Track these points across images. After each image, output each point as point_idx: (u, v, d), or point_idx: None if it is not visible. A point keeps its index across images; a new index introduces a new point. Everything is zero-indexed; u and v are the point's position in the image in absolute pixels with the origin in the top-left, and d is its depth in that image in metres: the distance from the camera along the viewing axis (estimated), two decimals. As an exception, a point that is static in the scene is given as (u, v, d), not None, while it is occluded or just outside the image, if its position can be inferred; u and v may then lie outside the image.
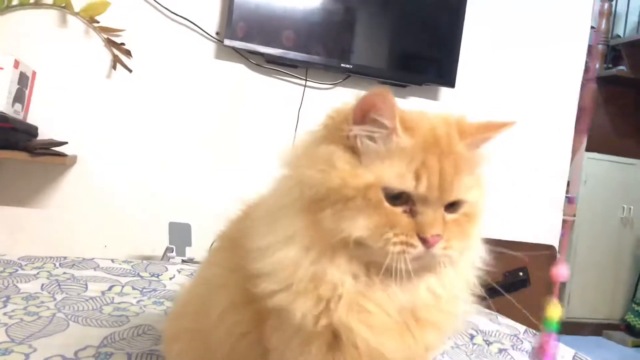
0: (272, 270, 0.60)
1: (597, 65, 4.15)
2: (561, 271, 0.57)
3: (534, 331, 1.49)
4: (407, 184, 0.58)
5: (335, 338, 0.61)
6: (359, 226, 0.57)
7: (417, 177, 0.58)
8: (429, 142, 0.60)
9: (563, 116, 2.87)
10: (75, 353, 0.94)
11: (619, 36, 4.36)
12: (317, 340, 0.61)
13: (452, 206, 0.61)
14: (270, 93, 2.40)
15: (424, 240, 0.58)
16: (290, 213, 0.62)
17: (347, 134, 0.60)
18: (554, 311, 0.57)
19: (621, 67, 4.09)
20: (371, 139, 0.59)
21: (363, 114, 0.59)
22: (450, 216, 0.61)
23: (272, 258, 0.60)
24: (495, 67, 2.73)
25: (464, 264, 0.66)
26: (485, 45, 2.70)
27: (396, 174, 0.58)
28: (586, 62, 2.89)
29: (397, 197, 0.58)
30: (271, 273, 0.60)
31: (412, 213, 0.59)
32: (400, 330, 0.62)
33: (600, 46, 4.17)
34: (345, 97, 0.63)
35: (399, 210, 0.58)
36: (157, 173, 2.28)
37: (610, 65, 4.23)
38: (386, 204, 0.58)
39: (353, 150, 0.60)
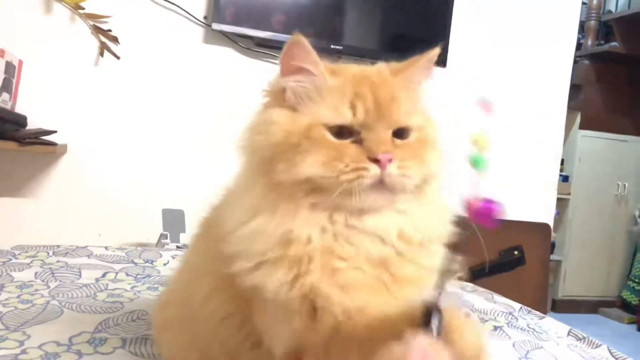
0: (243, 247, 0.60)
1: (590, 42, 4.14)
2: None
3: (528, 308, 1.50)
4: (344, 116, 0.60)
5: (314, 307, 0.60)
6: (309, 164, 0.58)
7: (353, 107, 0.60)
8: (358, 78, 0.63)
9: (555, 94, 2.87)
10: (70, 339, 0.94)
11: (610, 12, 4.34)
12: (297, 312, 0.60)
13: (400, 134, 0.62)
14: (260, 76, 2.37)
15: (375, 161, 0.58)
16: (249, 186, 0.63)
17: (279, 90, 0.63)
18: (480, 138, 0.56)
19: (613, 43, 4.07)
20: (301, 87, 0.62)
21: (287, 65, 0.63)
22: (400, 141, 0.61)
23: (242, 234, 0.61)
24: (486, 46, 2.71)
25: (433, 200, 0.65)
26: (476, 24, 2.68)
27: (332, 109, 0.60)
28: (578, 39, 2.89)
29: (340, 133, 0.60)
30: (242, 251, 0.60)
31: (359, 142, 0.60)
32: (375, 286, 0.61)
33: (592, 22, 4.15)
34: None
35: (346, 142, 0.59)
36: (149, 160, 2.27)
37: (602, 42, 4.21)
38: (331, 139, 0.59)
39: (289, 106, 0.63)
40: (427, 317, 0.50)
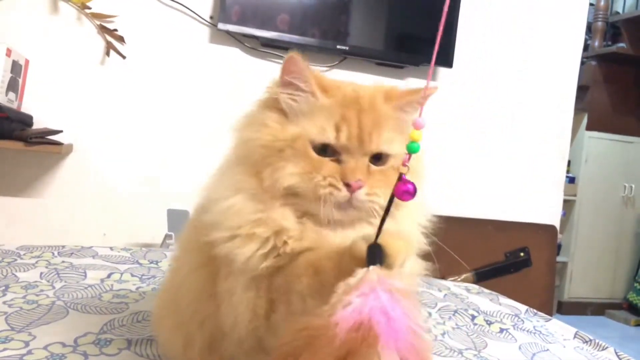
0: (220, 218, 0.66)
1: (597, 43, 4.12)
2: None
3: (535, 310, 1.49)
4: (328, 136, 0.64)
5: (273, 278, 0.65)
6: (288, 173, 0.64)
7: (337, 129, 0.64)
8: (348, 101, 0.66)
9: (562, 95, 2.85)
10: (75, 340, 0.94)
11: (618, 13, 4.32)
12: (258, 283, 0.65)
13: (378, 160, 0.66)
14: (266, 76, 2.36)
15: (347, 185, 0.63)
16: (236, 167, 0.69)
17: (276, 97, 0.67)
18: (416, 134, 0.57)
19: (621, 44, 4.05)
20: (293, 100, 0.66)
21: (282, 78, 0.67)
22: (376, 167, 0.66)
23: (221, 206, 0.66)
24: (492, 46, 2.70)
25: (405, 219, 0.69)
26: (483, 24, 2.67)
27: (318, 128, 0.65)
28: (585, 40, 2.87)
29: (323, 150, 0.65)
30: (219, 221, 0.66)
31: (338, 162, 0.65)
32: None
33: (599, 23, 4.13)
34: (342, 79, 0.67)
35: (325, 159, 0.64)
36: (154, 159, 2.28)
37: (609, 43, 4.19)
38: (313, 153, 0.64)
39: (283, 112, 0.67)
40: (370, 253, 0.55)
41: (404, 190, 0.56)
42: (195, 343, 0.75)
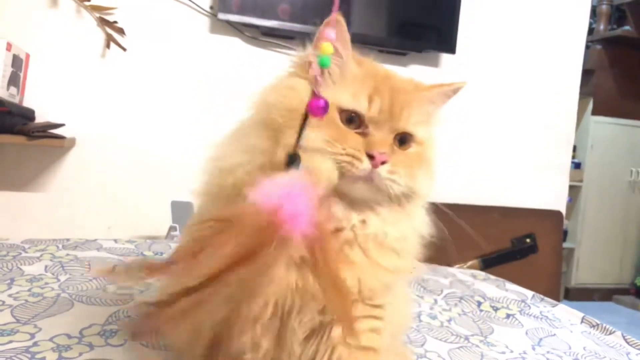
0: (212, 175, 0.66)
1: (602, 26, 4.08)
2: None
3: (541, 296, 1.48)
4: (360, 105, 0.63)
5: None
6: (313, 138, 0.60)
7: (370, 100, 0.63)
8: (382, 76, 0.66)
9: (567, 80, 2.83)
10: (81, 331, 0.94)
11: (623, -4, 4.27)
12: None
13: (402, 142, 0.65)
14: (267, 66, 2.36)
15: (370, 157, 0.60)
16: (252, 131, 0.66)
17: (306, 63, 0.65)
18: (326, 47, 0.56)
19: (626, 27, 4.01)
20: None
21: (320, 39, 0.63)
22: (399, 149, 0.64)
23: (228, 162, 0.65)
24: (496, 31, 2.67)
25: (411, 217, 0.66)
26: (486, 9, 2.64)
27: (350, 95, 0.63)
28: (590, 23, 2.83)
29: (351, 121, 0.62)
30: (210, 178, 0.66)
31: (363, 135, 0.62)
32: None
33: (604, 6, 4.08)
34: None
35: (351, 130, 0.62)
36: (157, 151, 2.27)
37: (614, 26, 4.14)
38: (340, 122, 0.62)
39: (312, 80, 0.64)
40: (289, 162, 0.55)
41: (316, 106, 0.55)
42: (205, 340, 0.73)
